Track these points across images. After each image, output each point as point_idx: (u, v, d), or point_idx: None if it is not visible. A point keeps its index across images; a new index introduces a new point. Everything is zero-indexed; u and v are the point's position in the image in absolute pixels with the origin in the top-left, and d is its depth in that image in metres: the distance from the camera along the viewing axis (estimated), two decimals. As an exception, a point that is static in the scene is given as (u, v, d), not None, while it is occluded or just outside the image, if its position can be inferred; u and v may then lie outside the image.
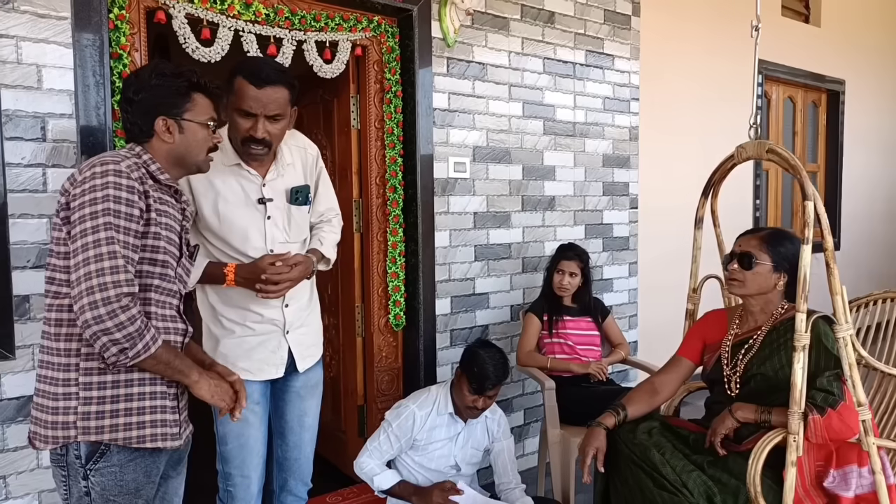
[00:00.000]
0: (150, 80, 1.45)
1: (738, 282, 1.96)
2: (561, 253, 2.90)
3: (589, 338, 2.86)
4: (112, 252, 1.30)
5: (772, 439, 1.74)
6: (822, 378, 1.78)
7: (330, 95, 2.95)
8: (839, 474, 1.79)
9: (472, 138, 2.94)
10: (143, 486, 1.42)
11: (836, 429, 1.73)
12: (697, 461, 1.86)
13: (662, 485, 1.78)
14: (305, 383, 1.99)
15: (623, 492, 1.90)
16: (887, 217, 5.92)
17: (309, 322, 1.97)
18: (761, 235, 1.97)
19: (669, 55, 3.89)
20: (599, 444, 1.92)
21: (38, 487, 1.97)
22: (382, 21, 2.72)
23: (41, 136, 1.93)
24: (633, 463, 1.86)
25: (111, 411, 1.37)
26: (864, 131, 5.59)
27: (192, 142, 1.50)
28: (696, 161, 4.14)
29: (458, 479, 2.33)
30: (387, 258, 2.81)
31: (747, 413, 1.85)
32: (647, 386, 2.10)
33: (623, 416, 2.00)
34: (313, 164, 1.99)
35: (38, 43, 1.92)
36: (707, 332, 2.11)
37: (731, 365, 1.97)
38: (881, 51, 5.73)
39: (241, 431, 1.85)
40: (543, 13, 3.15)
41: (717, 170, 2.19)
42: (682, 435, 1.98)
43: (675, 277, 4.01)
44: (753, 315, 2.00)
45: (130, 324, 1.29)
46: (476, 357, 2.23)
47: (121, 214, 1.33)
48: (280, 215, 1.86)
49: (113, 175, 1.34)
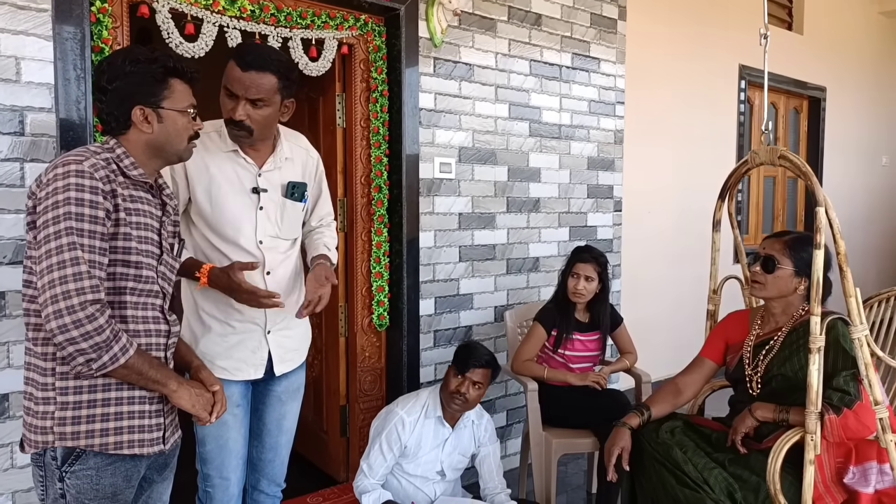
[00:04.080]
0: (125, 67, 1.38)
1: (759, 284, 2.02)
2: (576, 255, 2.69)
3: (589, 357, 2.73)
4: (74, 258, 1.25)
5: (790, 438, 1.79)
6: (839, 378, 1.83)
7: (315, 93, 2.93)
8: (859, 471, 1.83)
9: (457, 139, 2.94)
10: (121, 491, 1.38)
11: (853, 428, 1.79)
12: (719, 459, 1.90)
13: (685, 482, 1.82)
14: (287, 387, 1.95)
15: (647, 489, 1.96)
16: (866, 223, 6.02)
17: (294, 325, 1.92)
18: (785, 240, 2.02)
19: (655, 59, 3.92)
20: (625, 444, 1.99)
21: (12, 487, 1.94)
22: (369, 20, 2.70)
23: (19, 129, 1.90)
24: (657, 461, 1.91)
25: (88, 416, 1.33)
26: (843, 138, 5.68)
27: (171, 131, 1.43)
28: (679, 165, 4.19)
29: (443, 484, 2.33)
30: (371, 258, 2.80)
31: (766, 412, 1.90)
32: (671, 386, 2.16)
33: (647, 416, 2.06)
34: (314, 168, 1.97)
35: (17, 35, 1.88)
36: (730, 333, 2.17)
37: (753, 365, 2.03)
38: (861, 59, 5.83)
39: (220, 433, 1.82)
40: (530, 15, 3.16)
41: (733, 174, 2.25)
42: (704, 434, 2.03)
43: (657, 279, 4.05)
44: (775, 316, 2.05)
45: (97, 333, 1.25)
46: (464, 343, 2.31)
47: (84, 217, 1.27)
48: (273, 208, 1.83)
49: (74, 176, 1.28)
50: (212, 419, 1.47)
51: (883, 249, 6.30)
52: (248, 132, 1.72)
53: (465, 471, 2.46)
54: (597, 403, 2.58)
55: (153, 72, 1.40)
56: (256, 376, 1.86)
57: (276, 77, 1.70)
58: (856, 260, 5.94)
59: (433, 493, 2.31)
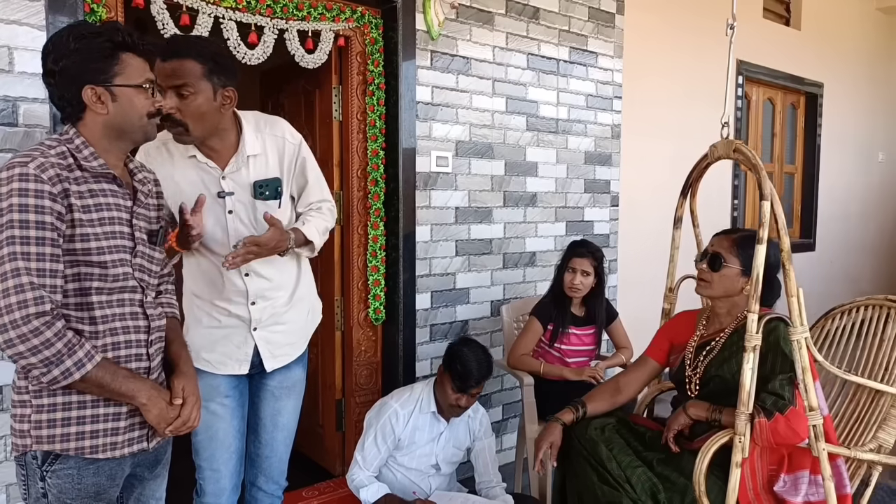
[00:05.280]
0: (69, 44, 1.27)
1: (705, 282, 1.96)
2: (572, 249, 2.69)
3: (584, 352, 2.73)
4: (15, 270, 1.18)
5: (719, 439, 1.74)
6: (775, 381, 1.77)
7: (312, 86, 2.91)
8: (790, 479, 1.78)
9: (454, 132, 2.93)
10: (104, 490, 1.34)
11: (783, 433, 1.71)
12: (647, 458, 1.87)
13: (605, 479, 1.80)
14: (281, 383, 1.90)
15: (575, 485, 1.93)
16: (862, 219, 6.03)
17: (286, 320, 1.86)
18: (734, 238, 1.94)
19: (652, 54, 3.91)
20: (554, 439, 1.96)
21: (6, 480, 1.93)
22: (366, 12, 2.69)
23: (13, 120, 1.88)
24: (583, 457, 1.90)
25: (63, 419, 1.29)
26: (840, 134, 5.68)
27: (128, 109, 1.32)
28: (676, 159, 4.18)
29: (438, 478, 2.33)
30: (367, 252, 2.79)
31: (699, 411, 1.86)
32: (611, 384, 2.13)
33: (582, 412, 2.02)
34: (293, 155, 1.82)
35: (9, 24, 1.86)
36: (675, 333, 2.12)
37: (693, 366, 1.98)
38: (858, 55, 5.83)
39: (210, 424, 1.80)
40: (528, 9, 3.14)
41: (694, 169, 2.20)
42: (638, 432, 2.00)
43: (653, 274, 4.04)
44: (719, 317, 2.00)
45: (45, 347, 1.20)
46: (459, 355, 2.20)
47: (29, 224, 1.19)
48: (244, 210, 1.75)
49: (18, 181, 1.19)
50: (166, 433, 1.39)
51: (878, 245, 6.32)
52: (183, 127, 1.63)
53: (461, 465, 2.46)
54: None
55: (100, 47, 1.29)
56: (241, 371, 1.82)
57: (198, 62, 1.60)
58: (851, 256, 5.98)
59: (429, 486, 2.31)
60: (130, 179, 1.42)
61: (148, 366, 1.40)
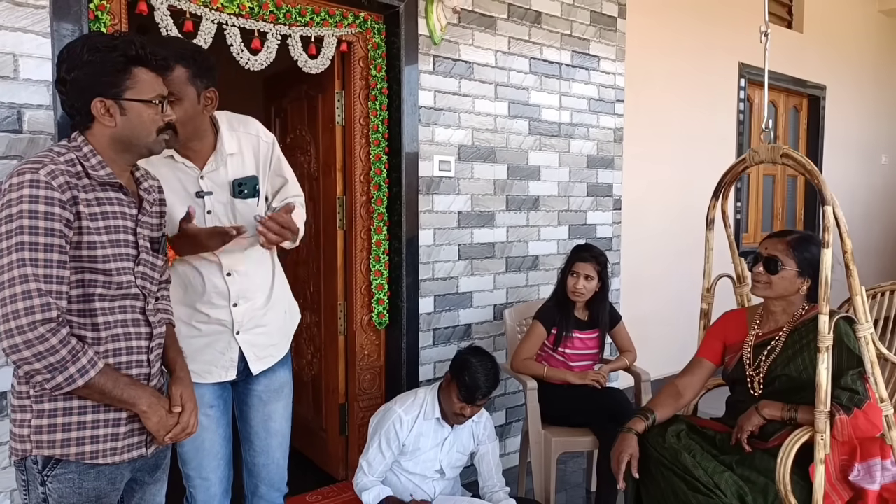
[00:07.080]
0: (83, 55, 1.28)
1: (763, 284, 2.00)
2: (576, 254, 2.69)
3: (588, 356, 2.72)
4: (23, 276, 1.19)
5: (799, 438, 1.79)
6: (847, 377, 1.83)
7: (314, 91, 2.92)
8: (864, 468, 1.83)
9: (457, 137, 2.94)
10: (105, 494, 1.35)
11: (863, 427, 1.80)
12: (726, 461, 1.89)
13: (696, 487, 1.80)
14: (267, 387, 1.87)
15: (655, 495, 1.92)
16: (865, 221, 6.01)
17: (266, 322, 1.83)
18: (788, 240, 2.00)
19: (654, 58, 3.92)
20: (633, 451, 1.94)
21: (10, 486, 1.93)
22: (368, 17, 2.70)
23: (17, 127, 1.89)
24: (665, 466, 1.89)
25: (63, 425, 1.29)
26: (843, 136, 5.67)
27: (136, 124, 1.34)
28: (678, 163, 4.19)
29: (442, 482, 2.33)
30: (370, 256, 2.80)
31: (774, 411, 1.89)
32: (672, 389, 2.13)
33: (652, 420, 2.03)
34: (268, 153, 1.83)
35: (14, 32, 1.87)
36: (727, 333, 2.14)
37: (754, 365, 2.01)
38: (861, 58, 5.82)
39: (196, 434, 1.74)
40: (530, 13, 3.15)
41: (728, 172, 2.22)
42: (708, 436, 2.02)
43: (656, 278, 4.04)
44: (774, 316, 2.04)
45: (51, 354, 1.21)
46: (468, 365, 2.18)
47: (38, 231, 1.20)
48: (223, 209, 1.73)
49: (28, 187, 1.21)
50: (166, 440, 1.40)
51: (883, 248, 6.30)
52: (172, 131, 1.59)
53: (465, 469, 2.46)
54: (596, 402, 2.58)
55: (113, 61, 1.30)
56: (228, 378, 1.80)
57: (182, 66, 1.57)
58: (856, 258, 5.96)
59: (432, 491, 2.31)
60: (136, 188, 1.43)
61: (148, 372, 1.41)
